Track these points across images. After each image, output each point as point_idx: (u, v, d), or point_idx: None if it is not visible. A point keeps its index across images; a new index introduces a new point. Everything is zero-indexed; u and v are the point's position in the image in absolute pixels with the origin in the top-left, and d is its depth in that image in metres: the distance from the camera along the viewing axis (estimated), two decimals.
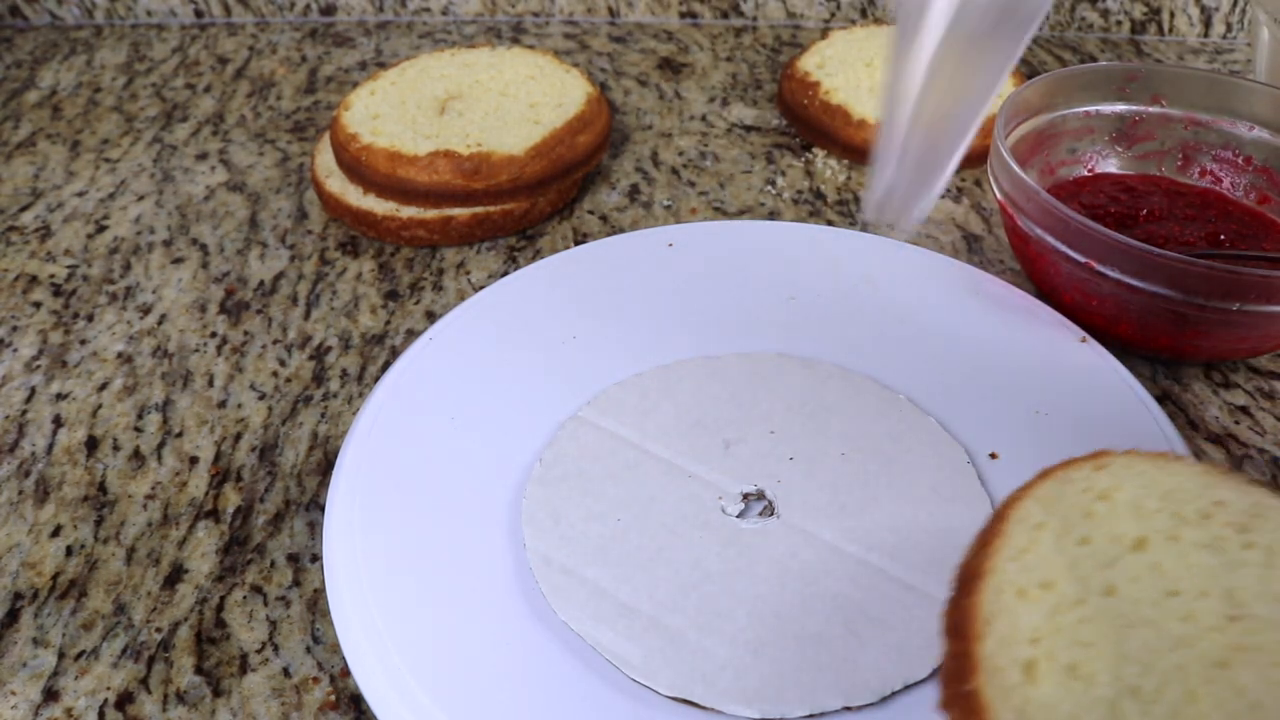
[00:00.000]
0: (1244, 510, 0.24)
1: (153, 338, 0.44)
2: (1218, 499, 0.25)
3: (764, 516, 0.33)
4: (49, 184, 0.55)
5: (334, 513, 0.33)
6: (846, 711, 0.28)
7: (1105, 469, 0.25)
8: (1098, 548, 0.23)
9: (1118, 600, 0.22)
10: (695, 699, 0.28)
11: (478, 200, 0.48)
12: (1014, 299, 0.40)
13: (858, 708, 0.28)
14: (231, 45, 0.69)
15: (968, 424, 0.36)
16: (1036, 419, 0.36)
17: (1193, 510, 0.24)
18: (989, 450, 0.35)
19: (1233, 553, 0.23)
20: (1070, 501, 0.24)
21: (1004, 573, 0.23)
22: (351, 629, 0.30)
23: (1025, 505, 0.24)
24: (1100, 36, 0.68)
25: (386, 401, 0.37)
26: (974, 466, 0.34)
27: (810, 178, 0.54)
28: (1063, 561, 0.23)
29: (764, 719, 0.27)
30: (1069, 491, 0.25)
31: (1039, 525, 0.24)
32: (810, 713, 0.27)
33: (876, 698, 0.28)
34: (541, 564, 0.31)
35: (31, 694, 0.31)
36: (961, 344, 0.39)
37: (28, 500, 0.37)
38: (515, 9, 0.71)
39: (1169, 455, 0.26)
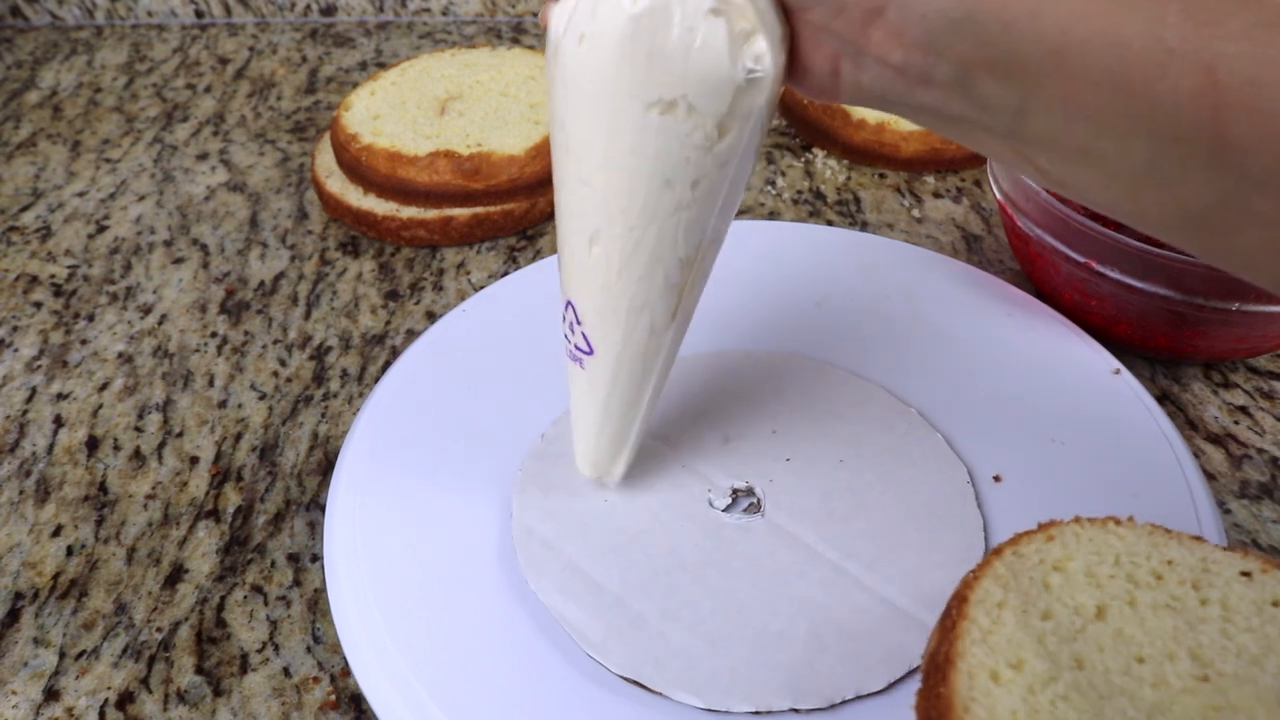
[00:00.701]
0: (1193, 567, 0.25)
1: (153, 338, 0.44)
2: (1167, 558, 0.25)
3: (749, 513, 0.33)
4: (50, 184, 0.55)
5: (334, 513, 0.33)
6: (794, 714, 0.28)
7: (1055, 539, 0.26)
8: (1061, 621, 0.24)
9: (1089, 672, 0.23)
10: (644, 681, 0.28)
11: (478, 200, 0.48)
12: (1051, 321, 0.40)
13: (805, 711, 0.28)
14: (232, 45, 0.69)
15: (977, 444, 0.35)
16: (1050, 447, 0.35)
17: (1145, 572, 0.25)
18: (994, 473, 0.34)
19: (1191, 611, 0.24)
20: (1026, 576, 0.25)
21: (973, 657, 0.23)
22: (352, 628, 0.30)
23: (984, 585, 0.24)
24: None
25: (386, 401, 0.37)
26: (974, 487, 0.34)
27: (810, 178, 0.54)
28: (1029, 639, 0.23)
29: (708, 709, 0.28)
30: (1023, 566, 0.25)
31: (1000, 604, 0.24)
32: (756, 709, 0.28)
33: (826, 703, 0.28)
34: (523, 535, 0.32)
35: (32, 693, 0.31)
36: (987, 363, 0.38)
37: (28, 500, 0.37)
38: (515, 9, 0.71)
39: (1114, 520, 0.26)
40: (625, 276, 0.26)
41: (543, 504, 0.33)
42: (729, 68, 0.23)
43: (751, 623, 0.30)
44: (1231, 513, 0.35)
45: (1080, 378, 0.37)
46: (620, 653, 0.29)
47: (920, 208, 0.51)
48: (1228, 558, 0.26)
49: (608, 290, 0.27)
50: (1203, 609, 0.24)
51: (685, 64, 0.23)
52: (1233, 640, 0.23)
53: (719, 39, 0.22)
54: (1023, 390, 0.37)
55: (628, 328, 0.28)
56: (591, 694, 0.28)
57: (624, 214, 0.25)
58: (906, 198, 0.52)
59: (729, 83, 0.23)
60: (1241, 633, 0.24)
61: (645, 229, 0.25)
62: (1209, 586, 0.25)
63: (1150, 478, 0.33)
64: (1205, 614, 0.24)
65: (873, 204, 0.52)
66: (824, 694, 0.28)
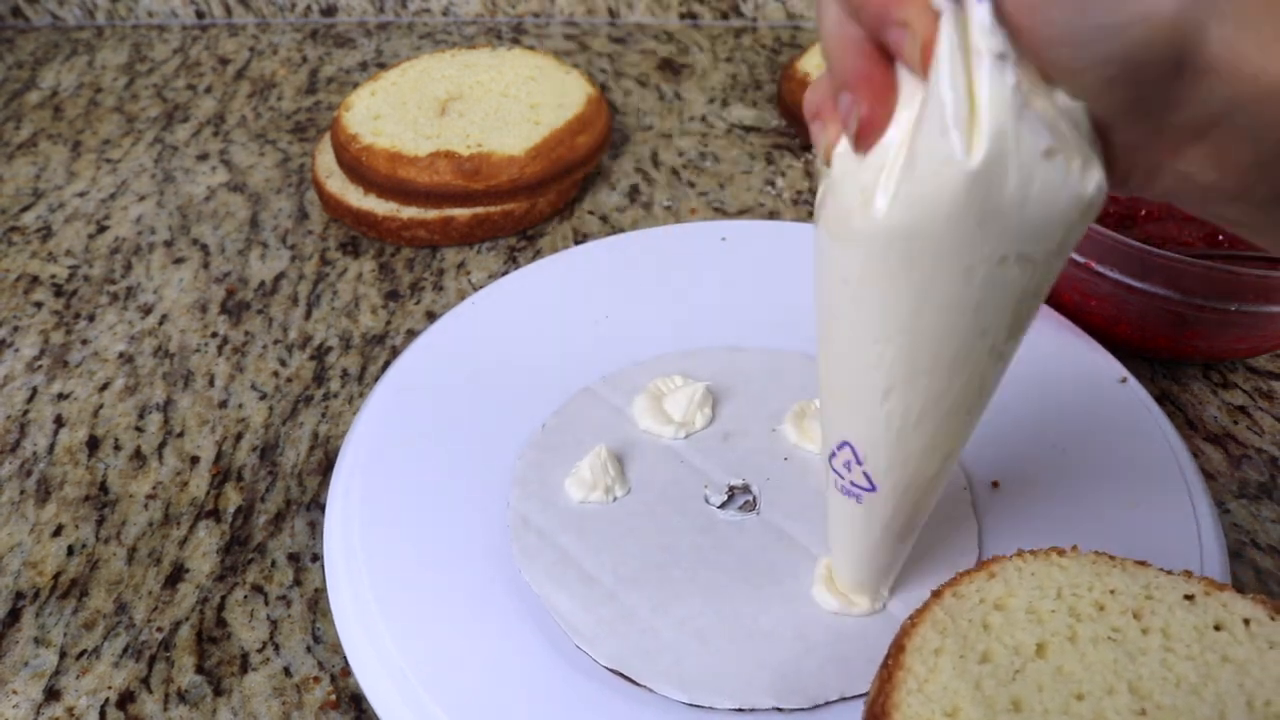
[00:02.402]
0: (1136, 595, 0.25)
1: (154, 338, 0.44)
2: (1110, 587, 0.25)
3: (744, 510, 0.33)
4: (50, 184, 0.55)
5: (334, 512, 0.33)
6: (777, 712, 0.28)
7: (997, 576, 0.26)
8: (999, 663, 0.23)
9: (1026, 715, 0.22)
10: (630, 673, 0.28)
11: (478, 200, 0.48)
12: (1059, 328, 0.39)
13: (789, 710, 0.28)
14: (232, 46, 0.69)
15: (979, 450, 0.35)
16: (1053, 455, 0.35)
17: (1087, 604, 0.25)
18: (993, 479, 0.34)
19: (1132, 642, 0.24)
20: (965, 618, 0.25)
21: (909, 707, 0.22)
22: (352, 628, 0.30)
23: (921, 632, 0.24)
24: None
25: (387, 401, 0.37)
26: (970, 493, 0.34)
27: (810, 178, 0.54)
28: (965, 685, 0.23)
29: (692, 704, 0.28)
30: (963, 607, 0.25)
31: (937, 650, 0.24)
32: (739, 706, 0.28)
33: (810, 704, 0.28)
34: (519, 525, 0.32)
35: (33, 693, 0.31)
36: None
37: (29, 500, 0.37)
38: (516, 10, 0.71)
39: (1057, 550, 0.26)
40: (923, 424, 0.24)
41: (539, 495, 0.33)
42: (1065, 208, 0.20)
43: (741, 620, 0.30)
44: (1231, 513, 0.35)
45: (1086, 385, 0.37)
46: (608, 645, 0.29)
47: None
48: (1171, 582, 0.26)
49: (902, 437, 0.25)
50: (1144, 639, 0.24)
51: (1020, 215, 0.20)
52: (1172, 670, 0.24)
53: (1055, 181, 0.20)
54: (1028, 397, 0.37)
55: (918, 467, 0.25)
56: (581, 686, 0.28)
57: (930, 369, 0.23)
58: None
59: (1063, 223, 0.21)
60: (1182, 661, 0.24)
61: (952, 379, 0.23)
62: (1151, 614, 0.25)
63: (1150, 480, 0.33)
64: (1146, 644, 0.24)
65: None
66: (808, 694, 0.28)
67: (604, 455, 0.33)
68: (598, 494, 0.33)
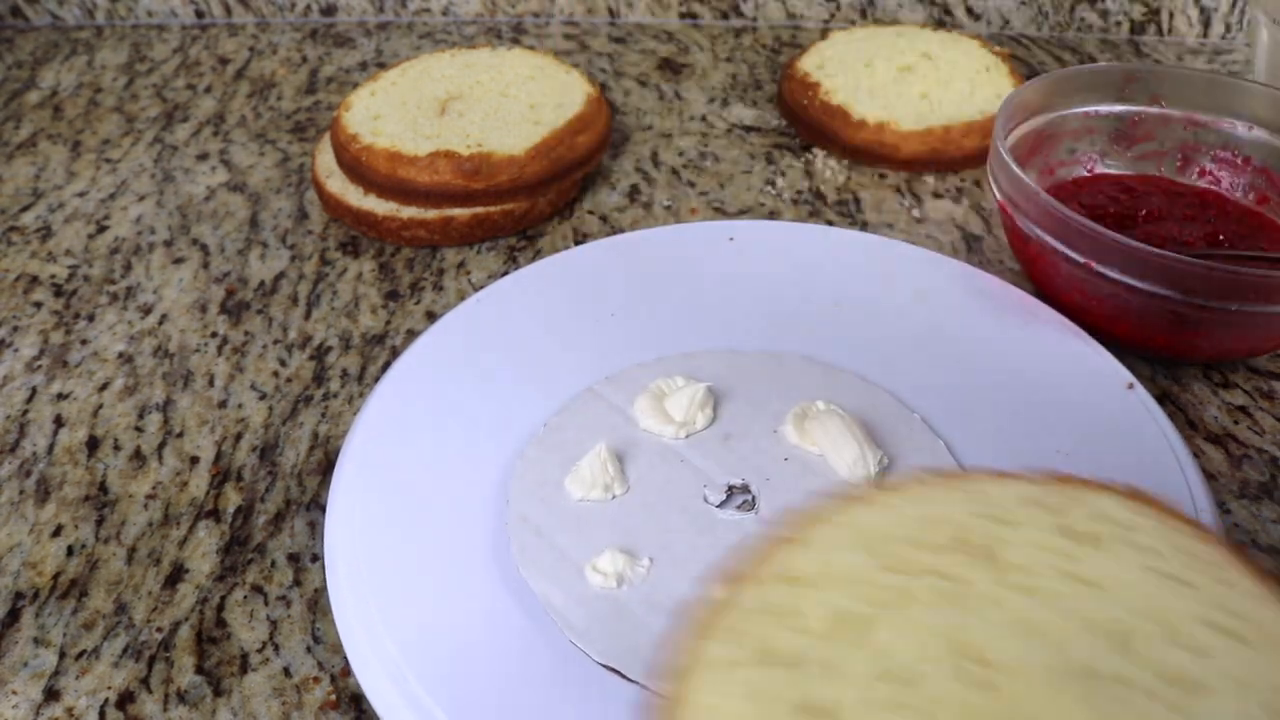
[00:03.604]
0: (963, 524, 0.21)
1: (153, 338, 0.44)
2: (934, 516, 0.21)
3: (743, 510, 0.33)
4: (50, 184, 0.55)
5: (334, 512, 0.33)
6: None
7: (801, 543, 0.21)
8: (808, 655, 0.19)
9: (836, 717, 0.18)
10: (623, 670, 0.28)
11: (478, 200, 0.48)
12: (1068, 334, 0.39)
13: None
14: (232, 46, 0.69)
15: (980, 453, 0.35)
16: (1056, 458, 0.35)
17: (907, 551, 0.21)
18: None
19: (961, 586, 0.20)
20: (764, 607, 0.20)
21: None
22: (352, 628, 0.30)
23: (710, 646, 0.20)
24: (1100, 37, 0.68)
25: (387, 401, 0.37)
26: None
27: (810, 178, 0.54)
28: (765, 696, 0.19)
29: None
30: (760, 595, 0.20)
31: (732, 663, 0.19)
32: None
33: None
34: (518, 522, 0.32)
35: (32, 693, 0.31)
36: (1001, 375, 0.38)
37: (29, 500, 0.37)
38: (515, 9, 0.71)
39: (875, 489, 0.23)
40: None
41: (538, 493, 0.33)
42: None
43: None
44: (1231, 513, 0.35)
45: (1091, 391, 0.37)
46: (602, 642, 0.29)
47: (920, 208, 0.51)
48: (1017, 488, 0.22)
49: None
50: (977, 573, 0.20)
51: None
52: (1007, 610, 0.19)
53: None
54: (1031, 401, 0.37)
55: None
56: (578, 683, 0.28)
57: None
58: (906, 198, 0.52)
59: None
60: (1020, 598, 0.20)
61: None
62: (978, 541, 0.21)
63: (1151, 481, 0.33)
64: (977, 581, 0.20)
65: (873, 204, 0.52)
66: None
67: (604, 454, 0.34)
68: (596, 492, 0.33)
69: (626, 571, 0.31)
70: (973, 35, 0.59)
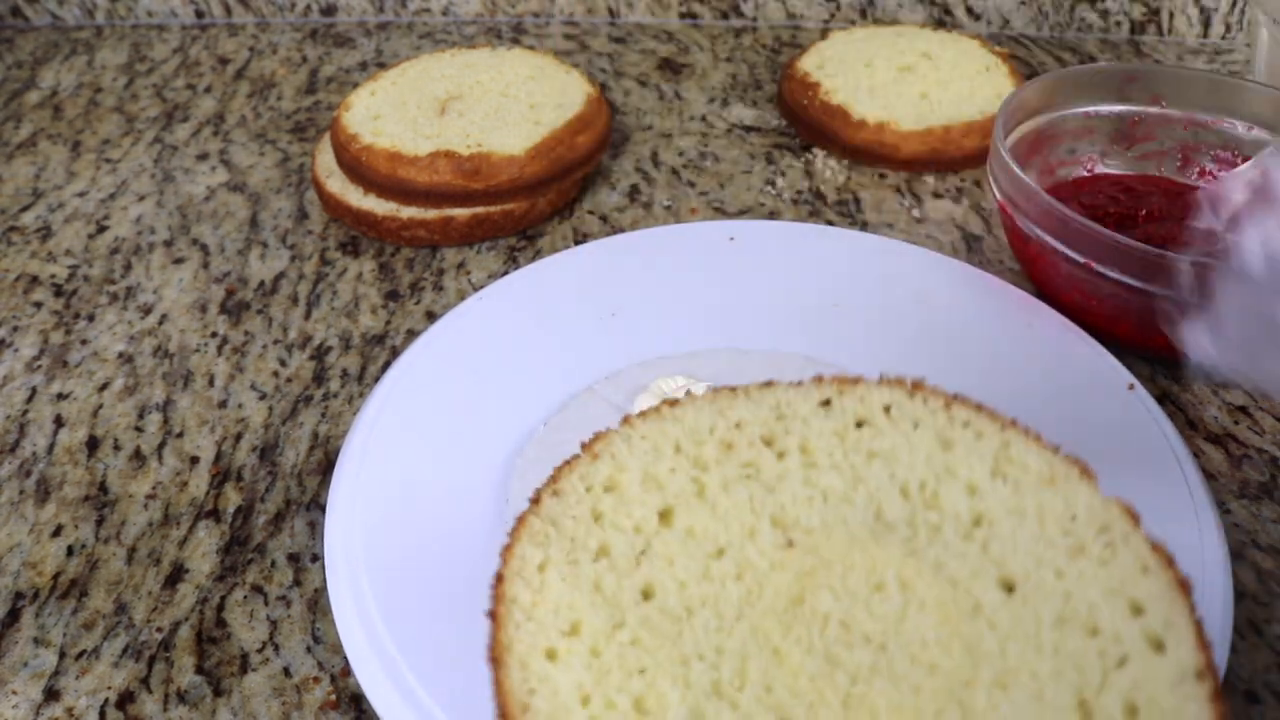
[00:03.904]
0: (765, 420, 0.23)
1: (153, 338, 0.44)
2: (735, 421, 0.23)
3: None
4: (50, 184, 0.55)
5: (334, 513, 0.33)
6: None
7: (601, 455, 0.23)
8: (619, 552, 0.21)
9: (660, 598, 0.20)
10: None
11: (478, 200, 0.48)
12: (1068, 334, 0.39)
13: None
14: (232, 46, 0.69)
15: None
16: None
17: (712, 449, 0.22)
18: None
19: (766, 472, 0.22)
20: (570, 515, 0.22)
21: (521, 642, 0.19)
22: (352, 628, 0.30)
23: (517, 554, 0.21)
24: (1100, 37, 0.68)
25: (387, 401, 0.37)
26: None
27: (810, 178, 0.54)
28: (582, 592, 0.20)
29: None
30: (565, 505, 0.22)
31: (541, 566, 0.21)
32: None
33: None
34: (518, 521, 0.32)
35: (32, 693, 0.31)
36: (1001, 375, 0.37)
37: (29, 500, 0.37)
38: (515, 9, 0.71)
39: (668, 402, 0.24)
40: None
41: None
42: None
43: None
44: (1231, 513, 0.35)
45: (1093, 392, 0.37)
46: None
47: (920, 208, 0.51)
48: (803, 393, 0.23)
49: None
50: (780, 464, 0.22)
51: None
52: (816, 486, 0.21)
53: None
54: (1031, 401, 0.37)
55: None
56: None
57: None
58: (906, 198, 0.52)
59: None
60: (825, 473, 0.22)
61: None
62: (785, 435, 0.22)
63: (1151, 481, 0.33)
64: (783, 469, 0.22)
65: (873, 204, 0.52)
66: None
67: None
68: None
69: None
70: (973, 35, 0.59)
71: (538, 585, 0.20)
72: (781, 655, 0.19)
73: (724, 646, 0.19)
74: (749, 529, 0.21)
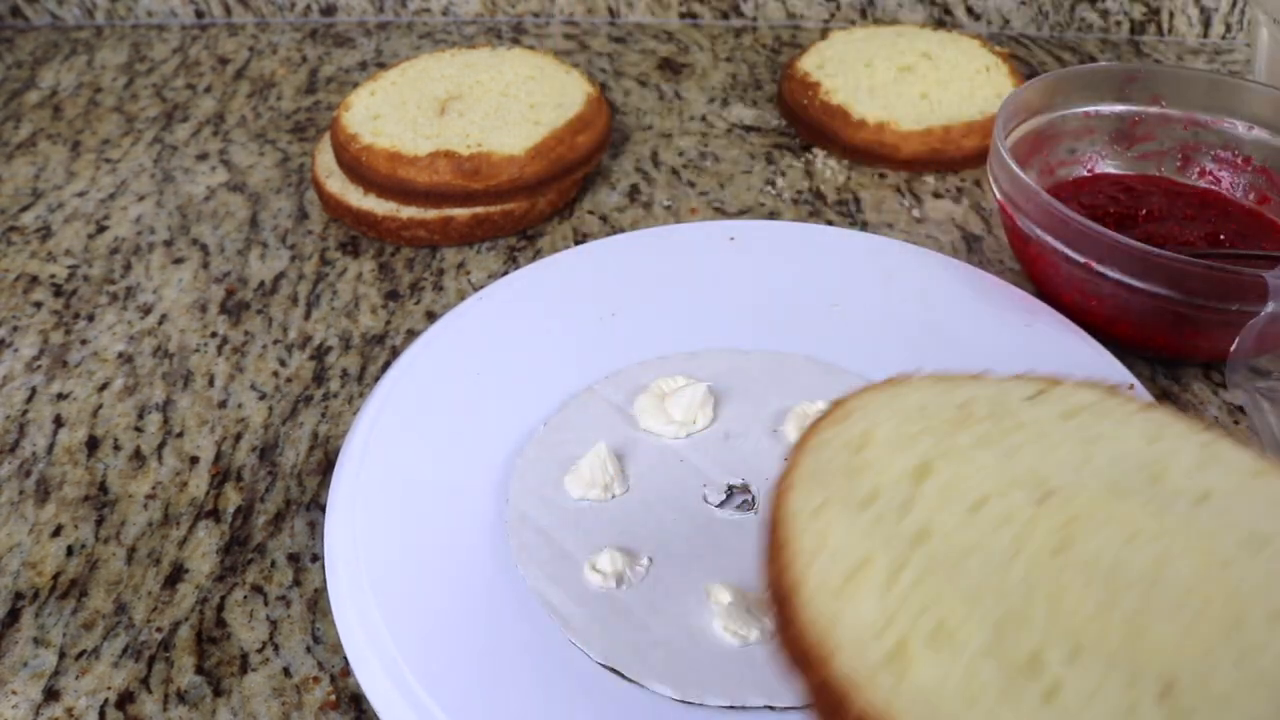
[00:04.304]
0: (990, 400, 0.24)
1: (153, 338, 0.44)
2: (962, 399, 0.24)
3: (742, 510, 0.33)
4: (50, 184, 0.55)
5: (334, 513, 0.33)
6: (768, 710, 0.28)
7: (850, 417, 0.24)
8: (887, 498, 0.22)
9: (935, 541, 0.21)
10: (621, 669, 0.28)
11: (478, 200, 0.48)
12: (1068, 334, 0.39)
13: (780, 708, 0.28)
14: (232, 46, 0.69)
15: None
16: None
17: (948, 419, 0.24)
18: None
19: (1004, 440, 0.23)
20: (835, 467, 0.22)
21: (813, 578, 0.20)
22: (352, 628, 0.30)
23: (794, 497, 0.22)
24: (1100, 37, 0.68)
25: (387, 401, 0.37)
26: None
27: (810, 178, 0.54)
28: (862, 532, 0.21)
29: (683, 700, 0.28)
30: (829, 455, 0.23)
31: (819, 508, 0.21)
32: (731, 704, 0.28)
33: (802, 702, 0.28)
34: (517, 521, 0.32)
35: (32, 693, 0.31)
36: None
37: (28, 500, 0.37)
38: (515, 9, 0.71)
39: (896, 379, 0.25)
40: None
41: (538, 492, 0.33)
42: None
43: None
44: None
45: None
46: (601, 641, 0.29)
47: (920, 208, 0.51)
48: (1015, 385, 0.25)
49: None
50: (1015, 435, 0.23)
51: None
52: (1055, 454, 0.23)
53: None
54: None
55: None
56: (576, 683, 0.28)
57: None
58: (906, 198, 0.52)
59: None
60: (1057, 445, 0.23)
61: None
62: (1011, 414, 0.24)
63: None
64: (1016, 440, 0.23)
65: (873, 204, 0.52)
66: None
67: (604, 453, 0.34)
68: (596, 491, 0.33)
69: (626, 571, 0.31)
70: (973, 35, 0.59)
71: (822, 524, 0.21)
72: (1061, 592, 0.20)
73: (1005, 584, 0.20)
74: (1000, 487, 0.22)
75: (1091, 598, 0.20)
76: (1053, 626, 0.19)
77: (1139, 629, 0.19)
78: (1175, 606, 0.20)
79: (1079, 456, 0.23)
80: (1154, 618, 0.20)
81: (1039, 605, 0.20)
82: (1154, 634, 0.19)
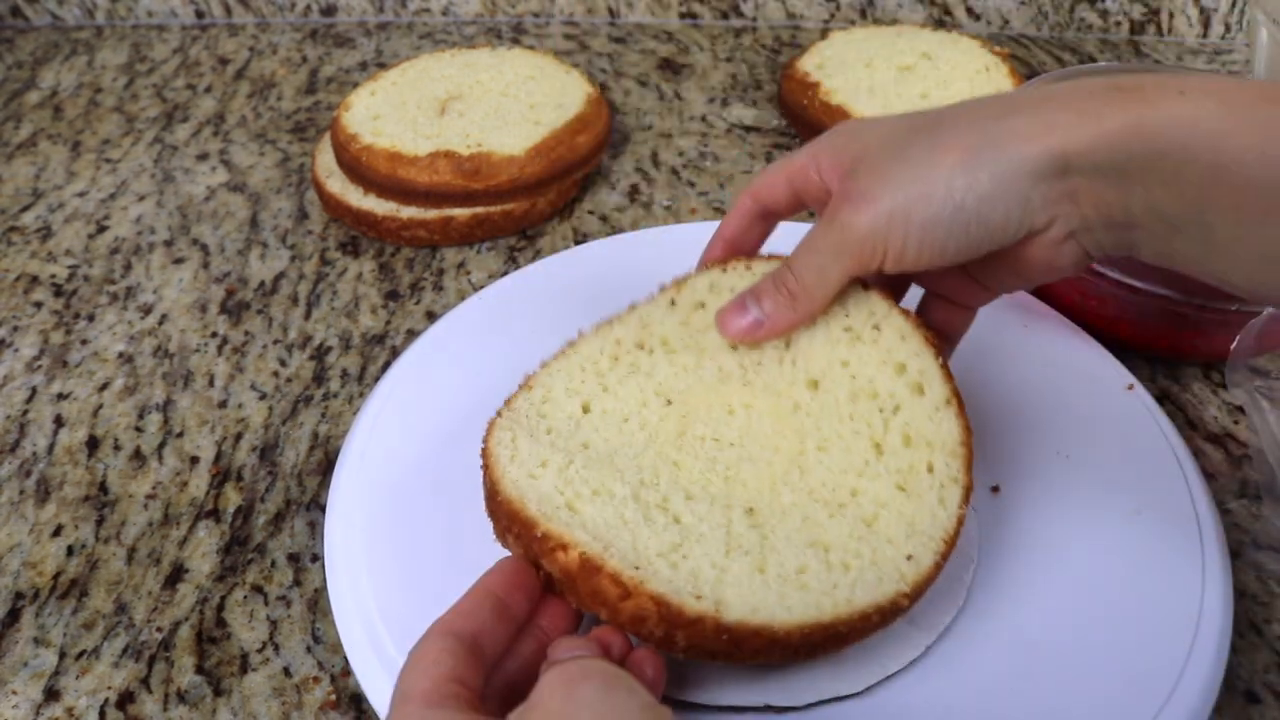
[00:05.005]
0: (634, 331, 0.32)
1: (153, 338, 0.44)
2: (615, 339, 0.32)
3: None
4: (50, 184, 0.55)
5: (334, 513, 0.33)
6: (768, 710, 0.28)
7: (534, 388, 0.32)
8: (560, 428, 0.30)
9: (594, 448, 0.30)
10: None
11: (478, 200, 0.48)
12: (1068, 334, 0.39)
13: (779, 708, 0.28)
14: (232, 46, 0.69)
15: (981, 455, 0.34)
16: (1056, 460, 0.35)
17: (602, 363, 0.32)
18: (993, 484, 0.34)
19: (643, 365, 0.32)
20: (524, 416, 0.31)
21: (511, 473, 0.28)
22: (352, 628, 0.30)
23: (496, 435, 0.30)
24: (1099, 37, 0.68)
25: (386, 401, 0.37)
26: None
27: None
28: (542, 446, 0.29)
29: (683, 700, 0.28)
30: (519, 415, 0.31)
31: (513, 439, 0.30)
32: (730, 704, 0.28)
33: (800, 702, 0.28)
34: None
35: (33, 693, 0.31)
36: (1000, 375, 0.38)
37: (29, 500, 0.37)
38: (515, 10, 0.71)
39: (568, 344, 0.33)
40: None
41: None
42: None
43: None
44: (1231, 512, 0.35)
45: (1093, 392, 0.37)
46: None
47: None
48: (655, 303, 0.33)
49: None
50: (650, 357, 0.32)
51: None
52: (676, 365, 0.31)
53: None
54: (1031, 402, 0.37)
55: None
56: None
57: None
58: None
59: None
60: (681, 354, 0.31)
61: None
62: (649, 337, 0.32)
63: (1151, 482, 0.33)
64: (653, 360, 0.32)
65: None
66: (799, 693, 0.28)
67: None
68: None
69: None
70: (973, 35, 0.59)
71: (513, 447, 0.29)
72: (679, 464, 0.29)
73: (641, 464, 0.29)
74: (640, 401, 0.31)
75: (700, 462, 0.29)
76: (673, 484, 0.29)
77: (732, 476, 0.29)
78: (757, 455, 0.29)
79: (695, 356, 0.31)
80: (742, 466, 0.29)
81: (664, 473, 0.29)
82: (742, 475, 0.29)
